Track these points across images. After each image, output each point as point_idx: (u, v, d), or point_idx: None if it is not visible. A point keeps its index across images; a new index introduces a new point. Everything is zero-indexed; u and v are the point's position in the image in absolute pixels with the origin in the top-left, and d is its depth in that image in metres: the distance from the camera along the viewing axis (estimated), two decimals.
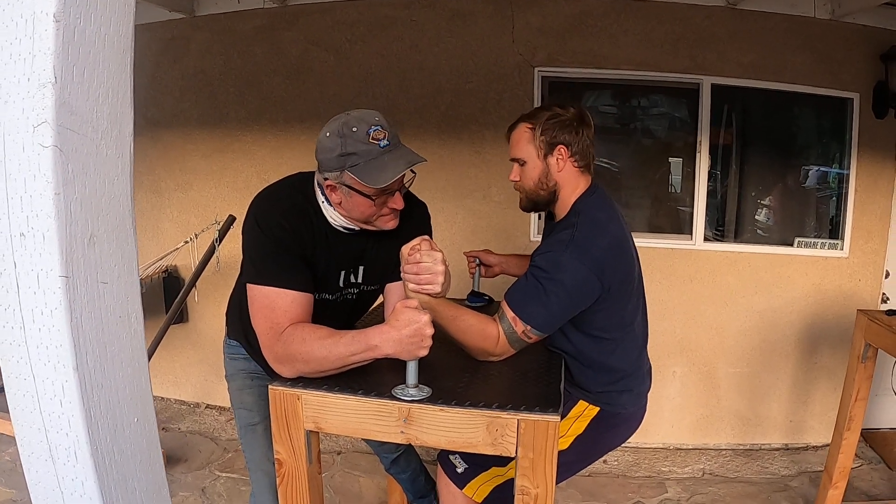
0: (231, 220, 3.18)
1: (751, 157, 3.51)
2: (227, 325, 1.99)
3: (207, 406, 4.03)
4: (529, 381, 1.60)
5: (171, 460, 3.34)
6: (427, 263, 1.47)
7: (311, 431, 1.53)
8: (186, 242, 3.32)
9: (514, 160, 1.82)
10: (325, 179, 1.52)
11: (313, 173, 1.62)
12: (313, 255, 1.59)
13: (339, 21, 3.51)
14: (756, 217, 3.59)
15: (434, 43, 3.44)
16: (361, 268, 1.73)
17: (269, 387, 1.50)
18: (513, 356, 1.71)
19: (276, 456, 1.55)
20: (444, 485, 1.90)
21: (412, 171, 1.51)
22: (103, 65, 0.63)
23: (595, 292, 1.63)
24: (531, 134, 1.75)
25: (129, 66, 0.67)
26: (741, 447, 3.58)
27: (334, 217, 1.60)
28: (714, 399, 3.57)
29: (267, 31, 3.59)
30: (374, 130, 1.45)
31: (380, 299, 1.94)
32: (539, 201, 1.82)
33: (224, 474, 3.20)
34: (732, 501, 3.05)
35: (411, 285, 1.51)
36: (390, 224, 1.60)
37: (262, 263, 1.53)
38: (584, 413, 1.79)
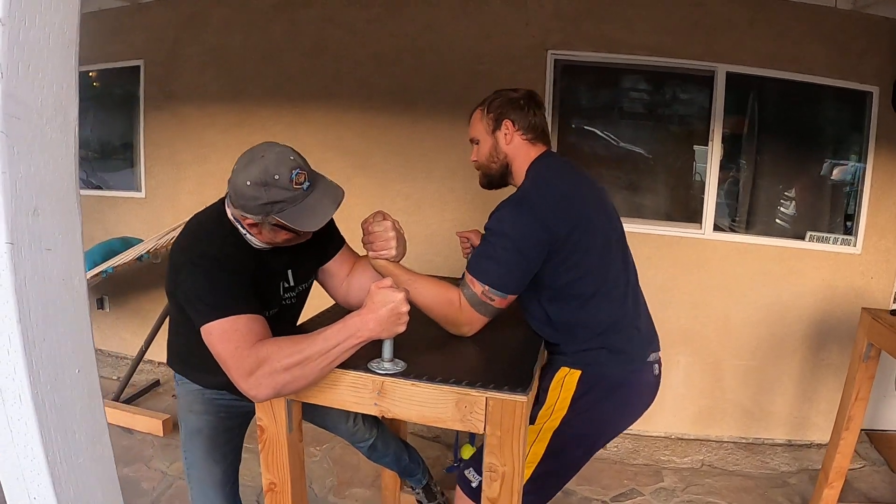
0: None
1: (764, 148, 3.45)
2: (181, 374, 1.91)
3: None
4: (503, 361, 1.63)
5: (177, 426, 3.44)
6: (378, 231, 1.61)
7: (291, 401, 1.59)
8: None
9: (470, 141, 1.92)
10: (245, 218, 1.51)
11: (221, 203, 1.65)
12: (252, 275, 1.57)
13: (355, 0, 3.53)
14: (781, 209, 3.54)
15: (448, 24, 3.45)
16: (290, 272, 1.76)
17: None
18: (489, 335, 1.72)
19: (259, 423, 1.61)
20: (460, 500, 1.85)
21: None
22: (48, 59, 0.70)
23: (542, 239, 1.63)
24: (481, 113, 1.87)
25: (73, 58, 0.75)
26: (743, 440, 3.56)
27: (254, 241, 1.61)
28: (718, 390, 3.55)
29: (285, 8, 3.64)
30: (296, 174, 1.45)
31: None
32: (492, 175, 1.88)
33: None
34: (728, 494, 3.04)
35: (371, 253, 1.65)
36: (308, 237, 1.63)
37: (212, 299, 1.45)
38: (566, 378, 1.74)
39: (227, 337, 1.42)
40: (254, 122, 3.79)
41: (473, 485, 1.75)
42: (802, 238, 3.39)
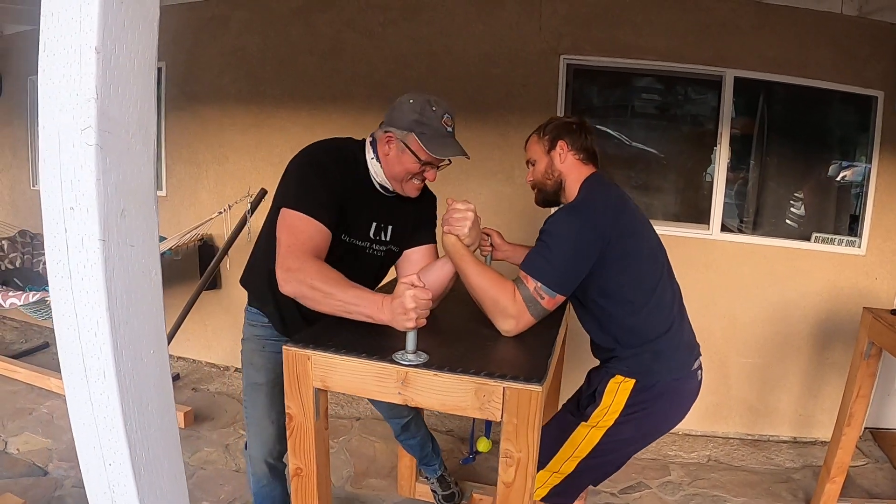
0: (262, 193, 3.34)
1: (771, 151, 3.53)
2: (248, 292, 2.12)
3: (236, 369, 4.24)
4: (520, 353, 1.71)
5: (198, 418, 3.56)
6: (460, 209, 1.78)
7: (319, 389, 1.68)
8: (220, 213, 3.50)
9: (527, 163, 2.10)
10: (387, 132, 1.76)
11: (362, 140, 1.90)
12: (350, 198, 1.80)
13: (372, 4, 3.63)
14: (792, 209, 3.61)
15: (463, 28, 3.53)
16: (391, 227, 1.95)
17: (283, 346, 1.64)
18: None
19: (287, 411, 1.70)
20: None
21: (449, 160, 1.81)
22: (133, 82, 0.81)
23: (594, 241, 1.76)
24: (537, 137, 2.04)
25: (152, 81, 0.87)
26: (749, 437, 3.64)
27: (377, 172, 1.84)
28: (724, 387, 3.63)
29: (303, 11, 3.73)
30: (447, 118, 1.75)
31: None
32: (547, 191, 2.04)
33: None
34: (733, 488, 3.12)
35: (445, 227, 1.80)
36: (414, 192, 1.87)
37: (303, 193, 1.72)
38: (621, 385, 1.86)
39: (292, 231, 1.68)
40: (272, 124, 3.89)
41: None
42: (808, 239, 3.46)
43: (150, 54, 0.84)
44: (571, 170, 1.97)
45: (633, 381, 1.84)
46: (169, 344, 3.65)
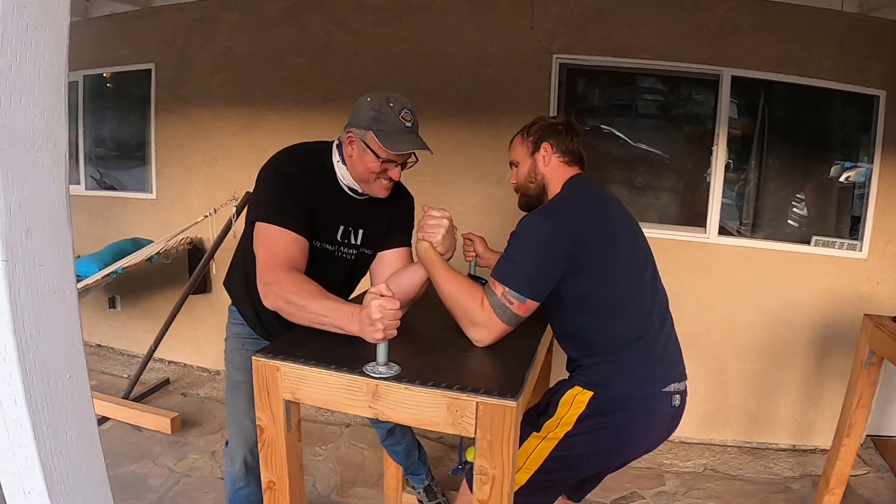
0: (248, 196, 3.29)
1: (770, 152, 3.45)
2: (229, 293, 2.14)
3: None
4: (496, 366, 1.65)
5: (186, 424, 3.51)
6: (435, 216, 1.74)
7: (289, 402, 1.63)
8: (206, 217, 3.46)
9: (510, 165, 2.01)
10: (349, 133, 1.75)
11: (329, 142, 1.88)
12: (318, 202, 1.79)
13: (363, 5, 3.58)
14: (795, 210, 3.53)
15: (454, 28, 3.48)
16: (361, 230, 1.93)
17: (252, 356, 1.59)
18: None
19: (258, 422, 1.65)
20: (464, 494, 1.91)
21: (415, 156, 1.80)
22: (39, 92, 0.75)
23: (563, 242, 1.66)
24: (521, 137, 1.96)
25: (62, 89, 0.81)
26: (747, 445, 3.56)
27: (343, 175, 1.82)
28: (722, 394, 3.55)
29: (293, 12, 3.68)
30: (405, 113, 1.71)
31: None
32: (530, 195, 1.95)
33: None
34: (729, 499, 3.05)
35: (419, 234, 1.77)
36: (383, 192, 1.83)
37: (273, 206, 1.72)
38: (577, 397, 1.74)
39: (267, 244, 1.70)
40: (262, 126, 3.84)
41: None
42: (808, 242, 3.38)
43: (58, 61, 0.78)
44: (555, 172, 1.89)
45: (591, 393, 1.73)
46: (156, 349, 3.62)
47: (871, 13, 3.08)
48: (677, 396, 1.77)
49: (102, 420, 3.47)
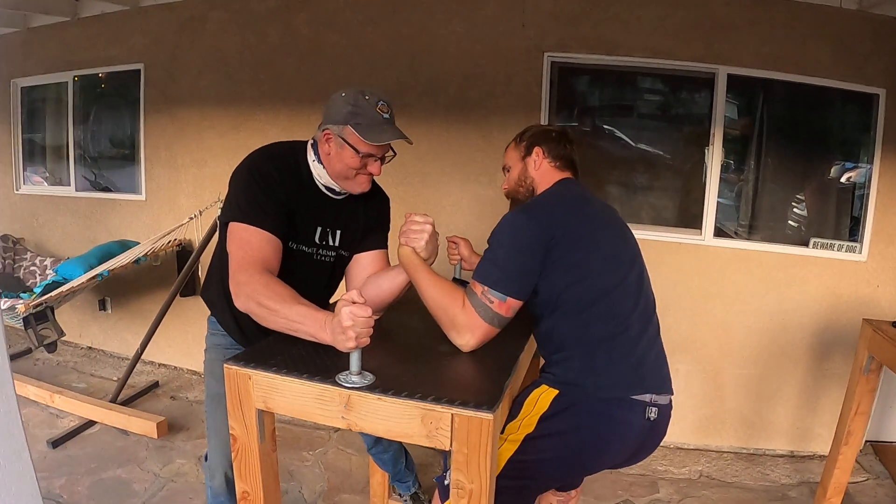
0: None
1: (767, 152, 3.37)
2: (207, 302, 2.06)
3: None
4: (474, 376, 1.60)
5: (173, 428, 3.47)
6: (418, 222, 1.73)
7: (262, 412, 1.57)
8: (191, 219, 3.41)
9: (503, 170, 2.02)
10: (325, 131, 1.72)
11: (306, 142, 1.85)
12: (295, 203, 1.76)
13: (350, 3, 3.52)
14: (795, 209, 3.46)
15: (443, 26, 3.41)
16: (339, 231, 1.90)
17: (224, 365, 1.54)
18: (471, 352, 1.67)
19: (231, 432, 1.61)
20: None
21: (393, 150, 1.78)
22: None
23: (540, 238, 1.62)
24: (515, 142, 1.98)
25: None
26: (744, 451, 3.49)
27: (320, 175, 1.79)
28: (718, 400, 3.48)
29: (281, 11, 3.63)
30: (381, 104, 1.70)
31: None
32: (520, 200, 1.94)
33: None
34: None
35: (402, 239, 1.75)
36: (362, 187, 1.79)
37: (247, 205, 1.68)
38: (542, 396, 1.67)
39: (240, 244, 1.66)
40: (250, 126, 3.79)
41: (446, 482, 1.66)
42: (806, 245, 3.30)
43: None
44: (544, 177, 1.88)
45: (556, 391, 1.65)
46: (143, 351, 3.57)
47: (871, 10, 3.00)
48: (654, 409, 1.65)
49: (89, 424, 3.43)
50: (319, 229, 1.87)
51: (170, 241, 3.69)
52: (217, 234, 3.29)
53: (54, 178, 4.72)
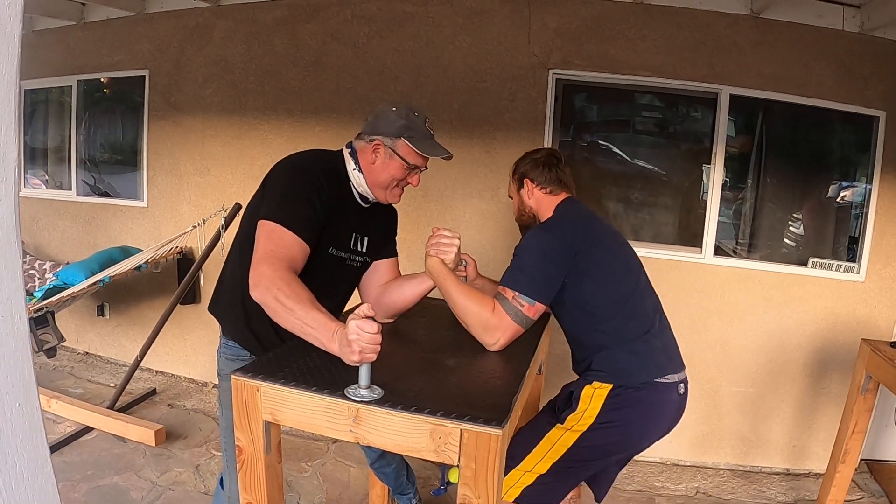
0: (237, 207, 3.25)
1: (768, 172, 3.41)
2: (221, 320, 2.01)
3: (214, 385, 4.13)
4: (483, 391, 1.60)
5: (171, 436, 3.45)
6: (447, 236, 1.89)
7: (269, 423, 1.58)
8: (194, 227, 3.41)
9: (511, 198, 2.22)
10: (372, 141, 1.78)
11: (338, 151, 1.90)
12: (335, 209, 1.80)
13: (357, 15, 3.54)
14: (792, 228, 3.49)
15: (450, 40, 3.44)
16: (366, 238, 1.96)
17: (232, 376, 1.54)
18: (473, 363, 1.75)
19: (237, 443, 1.60)
20: None
21: (426, 166, 1.87)
22: None
23: (564, 249, 1.87)
24: (510, 177, 2.18)
25: (13, 100, 0.74)
26: (740, 468, 3.50)
27: (359, 183, 1.84)
28: (715, 417, 3.49)
29: (288, 22, 3.65)
30: (427, 121, 1.81)
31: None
32: (526, 226, 2.14)
33: (219, 453, 3.26)
34: None
35: (431, 250, 1.89)
36: (395, 199, 1.89)
37: (286, 206, 1.69)
38: (596, 391, 1.88)
39: (271, 237, 1.65)
40: (254, 136, 3.80)
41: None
42: (805, 264, 3.33)
43: (9, 71, 0.73)
44: (541, 203, 2.08)
45: (610, 385, 1.87)
46: (143, 358, 3.56)
47: (872, 32, 3.05)
48: (682, 385, 1.95)
49: (86, 430, 3.41)
50: (354, 235, 1.92)
51: (171, 249, 3.69)
52: (217, 240, 3.32)
53: (54, 182, 4.71)
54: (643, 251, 3.37)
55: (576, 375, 2.03)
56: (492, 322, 1.80)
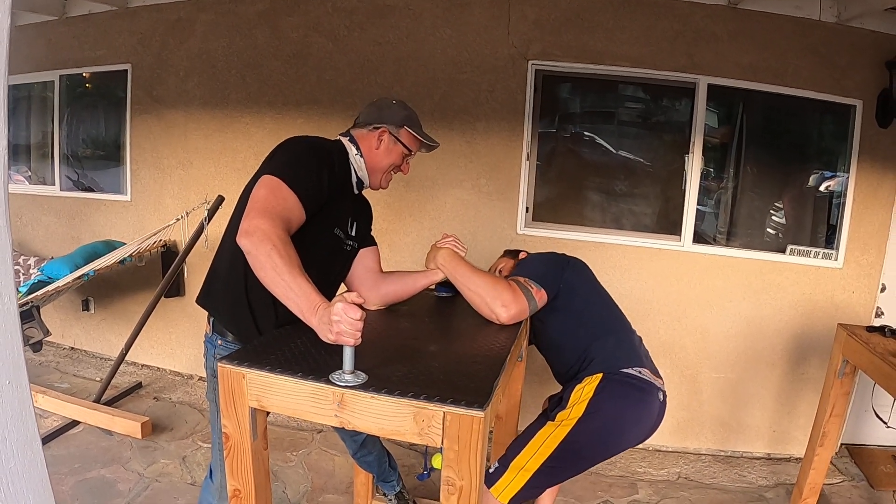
0: (220, 200, 3.25)
1: (746, 161, 3.45)
2: (213, 313, 1.92)
3: (200, 378, 4.14)
4: (465, 376, 1.62)
5: (157, 428, 3.46)
6: (459, 240, 2.16)
7: (255, 410, 1.59)
8: (177, 220, 3.41)
9: None
10: (378, 128, 1.91)
11: (337, 139, 1.98)
12: (338, 191, 1.86)
13: (338, 8, 3.55)
14: (774, 217, 3.54)
15: (430, 32, 3.46)
16: (356, 224, 2.03)
17: (218, 363, 1.55)
18: (455, 347, 1.86)
19: (224, 430, 1.61)
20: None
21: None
22: None
23: (556, 265, 2.19)
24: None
25: (2, 92, 0.74)
26: (721, 453, 3.56)
27: (360, 167, 1.94)
28: (696, 403, 3.55)
29: (269, 15, 3.65)
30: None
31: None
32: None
33: (206, 444, 3.30)
34: None
35: (449, 243, 2.13)
36: (386, 185, 2.02)
37: (296, 168, 1.71)
38: (585, 387, 2.00)
39: (272, 193, 1.64)
40: (236, 128, 3.80)
41: (490, 470, 2.03)
42: (783, 251, 3.38)
43: None
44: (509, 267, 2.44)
45: (599, 376, 2.00)
46: (128, 352, 3.56)
47: (849, 23, 3.09)
48: (661, 393, 2.07)
49: (73, 424, 3.41)
50: (350, 219, 1.98)
51: (155, 242, 3.68)
52: (200, 233, 3.32)
53: (37, 177, 4.68)
54: (624, 240, 3.45)
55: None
56: (507, 295, 1.97)
